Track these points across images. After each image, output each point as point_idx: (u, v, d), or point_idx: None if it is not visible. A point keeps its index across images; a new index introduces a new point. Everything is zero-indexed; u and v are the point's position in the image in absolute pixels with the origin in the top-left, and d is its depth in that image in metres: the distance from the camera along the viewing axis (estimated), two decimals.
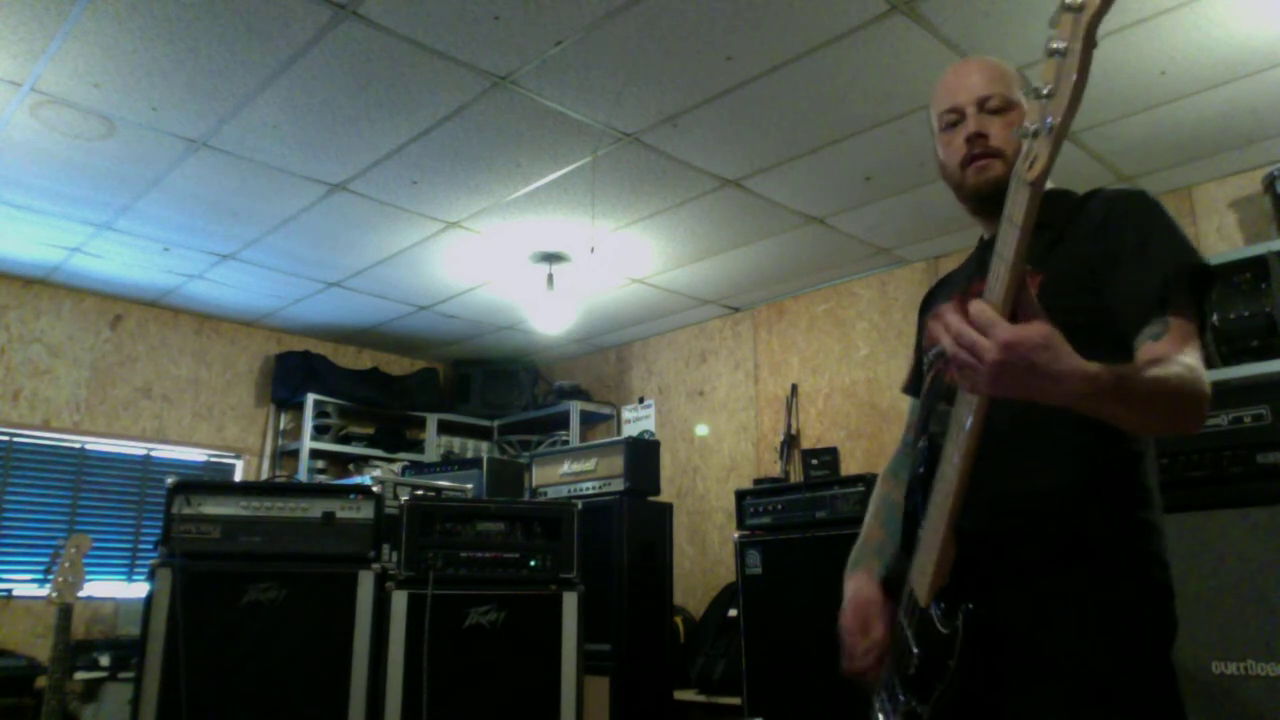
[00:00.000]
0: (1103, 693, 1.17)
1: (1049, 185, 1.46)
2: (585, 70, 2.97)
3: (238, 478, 5.44)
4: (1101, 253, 1.30)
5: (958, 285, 1.53)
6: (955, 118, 1.45)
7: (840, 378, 4.81)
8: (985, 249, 1.53)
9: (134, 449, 5.13)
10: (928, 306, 1.67)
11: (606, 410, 5.96)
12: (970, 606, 1.16)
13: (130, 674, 3.60)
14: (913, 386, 1.68)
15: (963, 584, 1.20)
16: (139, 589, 3.90)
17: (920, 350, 1.65)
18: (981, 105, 1.43)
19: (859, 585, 1.47)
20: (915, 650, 1.25)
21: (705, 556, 5.16)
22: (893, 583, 1.42)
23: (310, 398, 5.50)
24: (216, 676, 2.72)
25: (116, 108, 3.18)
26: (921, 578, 1.24)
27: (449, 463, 4.76)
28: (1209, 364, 1.33)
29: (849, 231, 4.27)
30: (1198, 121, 3.29)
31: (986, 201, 1.44)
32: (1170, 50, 2.86)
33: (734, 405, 5.30)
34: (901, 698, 1.29)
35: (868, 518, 1.61)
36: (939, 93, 1.50)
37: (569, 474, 4.39)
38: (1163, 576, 1.26)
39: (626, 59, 2.91)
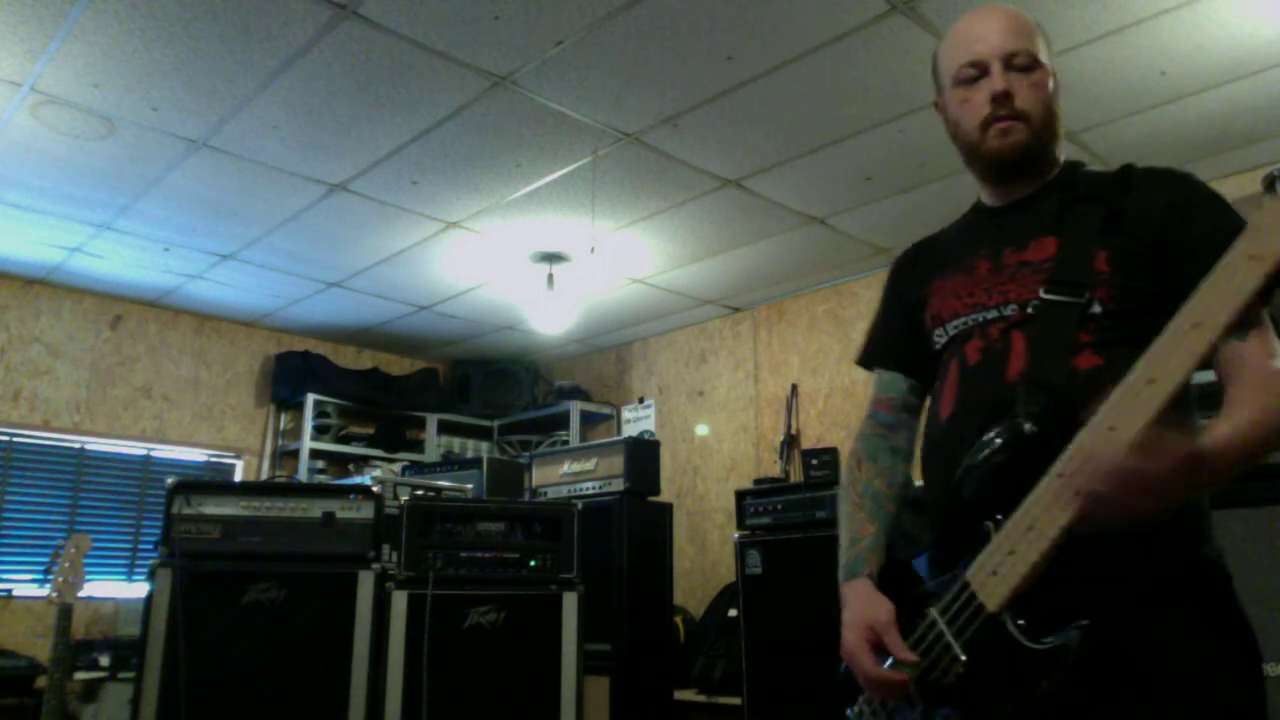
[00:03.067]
0: (1220, 710, 1.11)
1: (1065, 158, 1.40)
2: (585, 70, 2.97)
3: (238, 478, 5.44)
4: (1168, 235, 1.23)
5: (959, 262, 1.41)
6: (976, 72, 1.33)
7: (840, 378, 4.81)
8: (989, 217, 1.42)
9: (134, 449, 5.13)
10: (910, 272, 1.55)
11: (606, 410, 5.96)
12: (1086, 623, 1.05)
13: (130, 674, 3.59)
14: (884, 358, 1.53)
15: (1051, 592, 1.08)
16: (139, 589, 3.90)
17: (895, 316, 1.52)
18: (1008, 62, 1.31)
19: (863, 598, 1.30)
20: (962, 657, 1.13)
21: (705, 556, 5.16)
22: (893, 577, 1.31)
23: (310, 398, 5.50)
24: (216, 676, 2.71)
25: (116, 108, 3.18)
26: (993, 578, 1.10)
27: (449, 463, 4.75)
28: (1207, 365, 1.30)
29: (849, 231, 4.27)
30: (1198, 121, 3.29)
31: (1006, 167, 1.35)
32: (1170, 50, 2.86)
33: (734, 405, 5.30)
34: (920, 706, 1.18)
35: (851, 511, 1.44)
36: (955, 43, 1.37)
37: (569, 474, 4.39)
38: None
39: (626, 59, 2.91)
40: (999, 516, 1.13)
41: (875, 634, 1.23)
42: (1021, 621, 1.09)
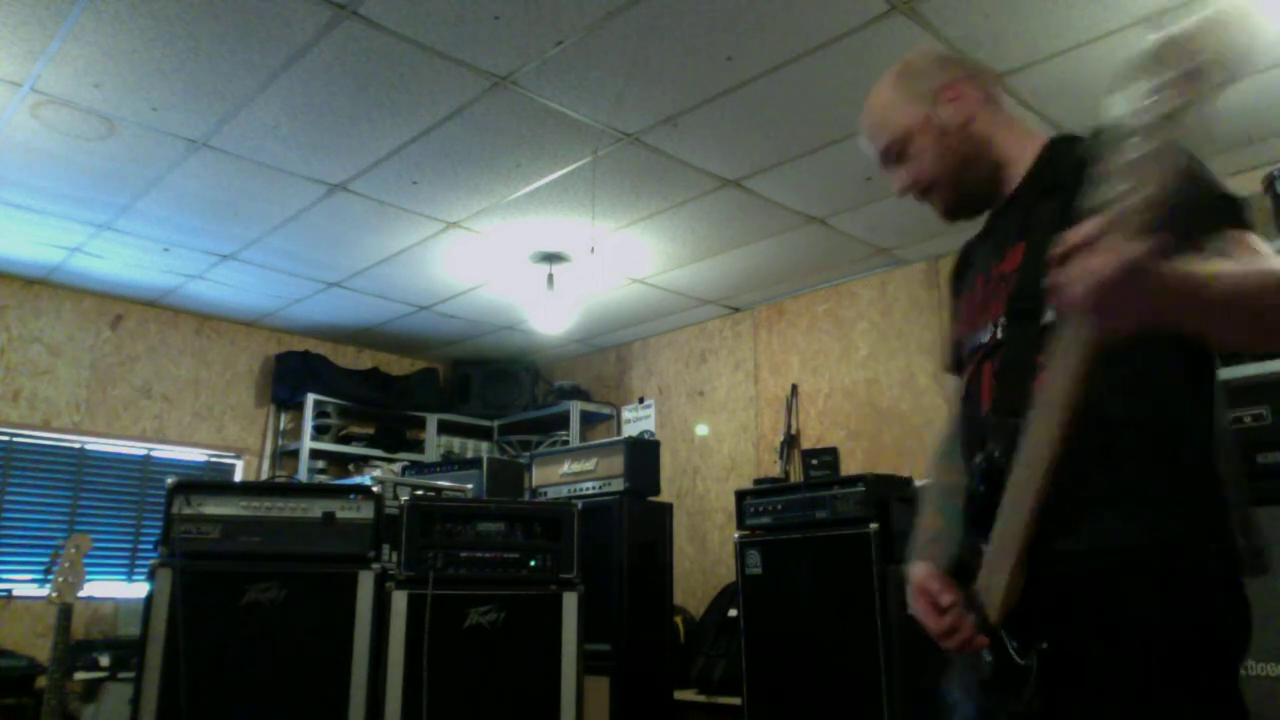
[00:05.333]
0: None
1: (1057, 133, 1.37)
2: (585, 70, 2.97)
3: (238, 478, 5.44)
4: None
5: (969, 277, 1.45)
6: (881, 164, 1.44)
7: (840, 378, 4.81)
8: (996, 218, 1.41)
9: (134, 449, 5.13)
10: (954, 280, 1.55)
11: (606, 410, 5.96)
12: (1045, 647, 1.12)
13: (130, 674, 3.59)
14: (949, 365, 1.56)
15: (1031, 609, 1.16)
16: (139, 589, 3.90)
17: (950, 324, 1.55)
18: (884, 160, 1.40)
19: (918, 572, 1.35)
20: (988, 659, 1.22)
21: (705, 556, 5.16)
22: (957, 571, 1.33)
23: (310, 398, 5.50)
24: (216, 676, 2.72)
25: (116, 108, 3.18)
26: (989, 595, 1.19)
27: (449, 463, 4.75)
28: None
29: (849, 231, 4.27)
30: None
31: (960, 219, 1.41)
32: None
33: (734, 405, 5.30)
34: (975, 692, 1.29)
35: (925, 506, 1.50)
36: None
37: (569, 474, 4.39)
38: (1223, 572, 1.13)
39: (626, 59, 2.91)
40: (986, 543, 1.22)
41: (929, 593, 1.29)
42: (1015, 636, 1.18)
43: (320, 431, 5.55)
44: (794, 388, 4.99)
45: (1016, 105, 1.48)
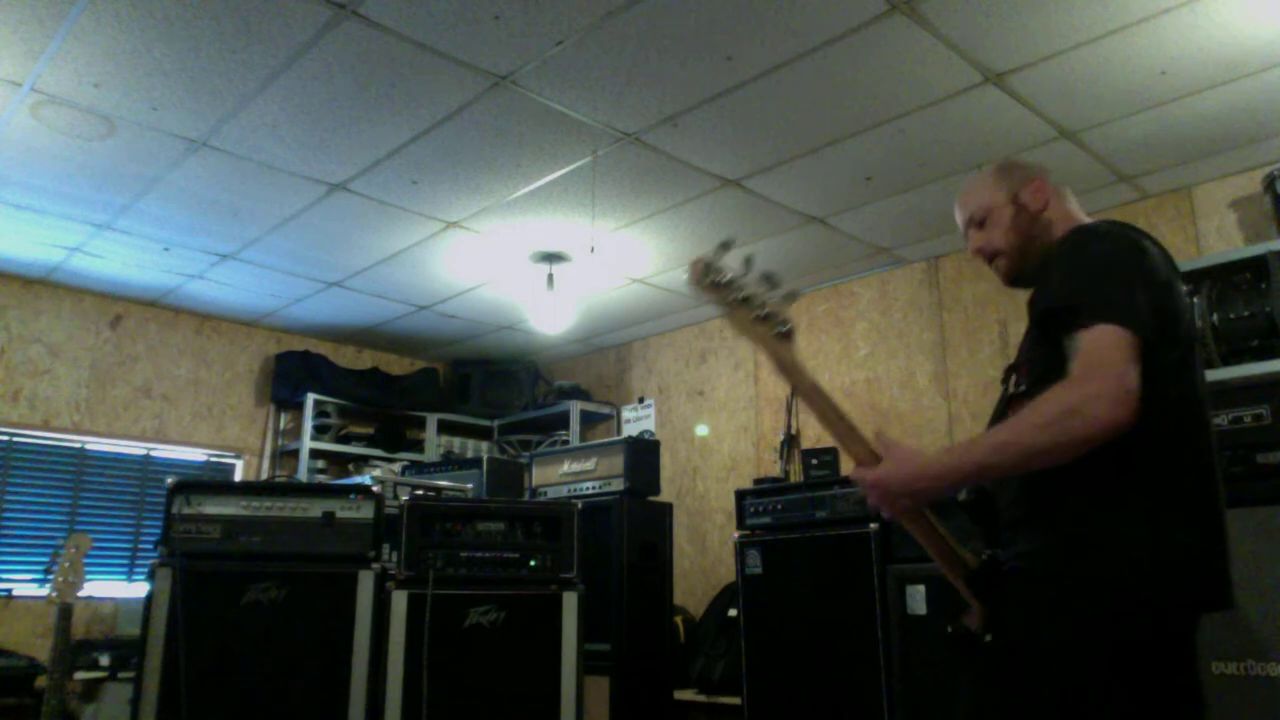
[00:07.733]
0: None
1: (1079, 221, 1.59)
2: (585, 70, 2.97)
3: (238, 477, 5.44)
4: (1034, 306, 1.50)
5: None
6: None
7: (840, 377, 4.80)
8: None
9: (134, 449, 5.13)
10: None
11: (606, 410, 5.96)
12: (988, 639, 1.46)
13: (130, 674, 3.59)
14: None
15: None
16: (139, 589, 3.90)
17: None
18: (966, 226, 1.69)
19: None
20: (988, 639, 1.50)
21: (705, 556, 5.16)
22: None
23: (310, 398, 5.50)
24: (216, 676, 2.72)
25: (116, 108, 3.18)
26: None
27: (449, 463, 4.75)
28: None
29: (849, 231, 4.27)
30: (1198, 121, 3.29)
31: (1018, 285, 1.65)
32: (1170, 50, 2.86)
33: (734, 405, 5.30)
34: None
35: None
36: None
37: (569, 474, 4.39)
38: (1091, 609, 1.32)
39: (626, 59, 2.91)
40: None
41: None
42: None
43: (320, 431, 5.55)
44: (794, 387, 4.98)
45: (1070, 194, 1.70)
